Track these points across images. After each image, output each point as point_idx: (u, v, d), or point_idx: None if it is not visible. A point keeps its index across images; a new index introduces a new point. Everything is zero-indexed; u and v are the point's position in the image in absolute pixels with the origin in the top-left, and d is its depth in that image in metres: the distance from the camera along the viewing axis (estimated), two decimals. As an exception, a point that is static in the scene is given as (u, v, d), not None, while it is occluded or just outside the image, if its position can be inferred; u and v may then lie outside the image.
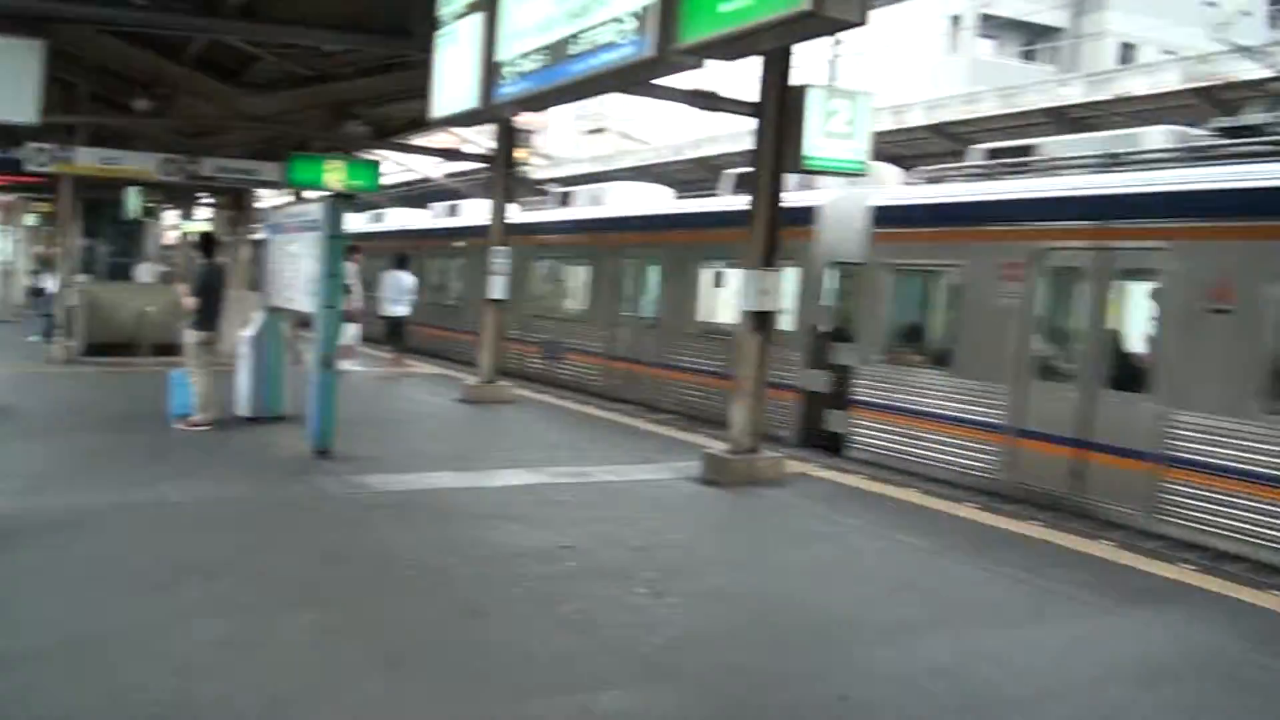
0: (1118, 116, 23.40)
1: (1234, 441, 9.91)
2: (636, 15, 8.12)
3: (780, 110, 10.86)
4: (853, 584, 7.75)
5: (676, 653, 6.03)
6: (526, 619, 6.47)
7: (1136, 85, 22.59)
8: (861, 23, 6.42)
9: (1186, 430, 10.32)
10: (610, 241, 20.28)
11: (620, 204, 21.86)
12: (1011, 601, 7.42)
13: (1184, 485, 10.31)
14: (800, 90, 10.88)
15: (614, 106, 59.58)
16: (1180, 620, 7.18)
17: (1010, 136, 24.22)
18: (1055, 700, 5.68)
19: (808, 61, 16.37)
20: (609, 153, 48.25)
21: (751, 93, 11.13)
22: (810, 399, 14.98)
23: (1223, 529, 9.96)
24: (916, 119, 25.98)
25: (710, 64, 8.48)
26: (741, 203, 11.64)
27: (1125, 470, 10.83)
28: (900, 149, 27.73)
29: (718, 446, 11.69)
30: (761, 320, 11.17)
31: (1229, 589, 7.89)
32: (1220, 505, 9.99)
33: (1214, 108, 21.37)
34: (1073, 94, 23.16)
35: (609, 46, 8.52)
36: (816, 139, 10.78)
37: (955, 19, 47.15)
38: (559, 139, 65.40)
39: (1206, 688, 6.01)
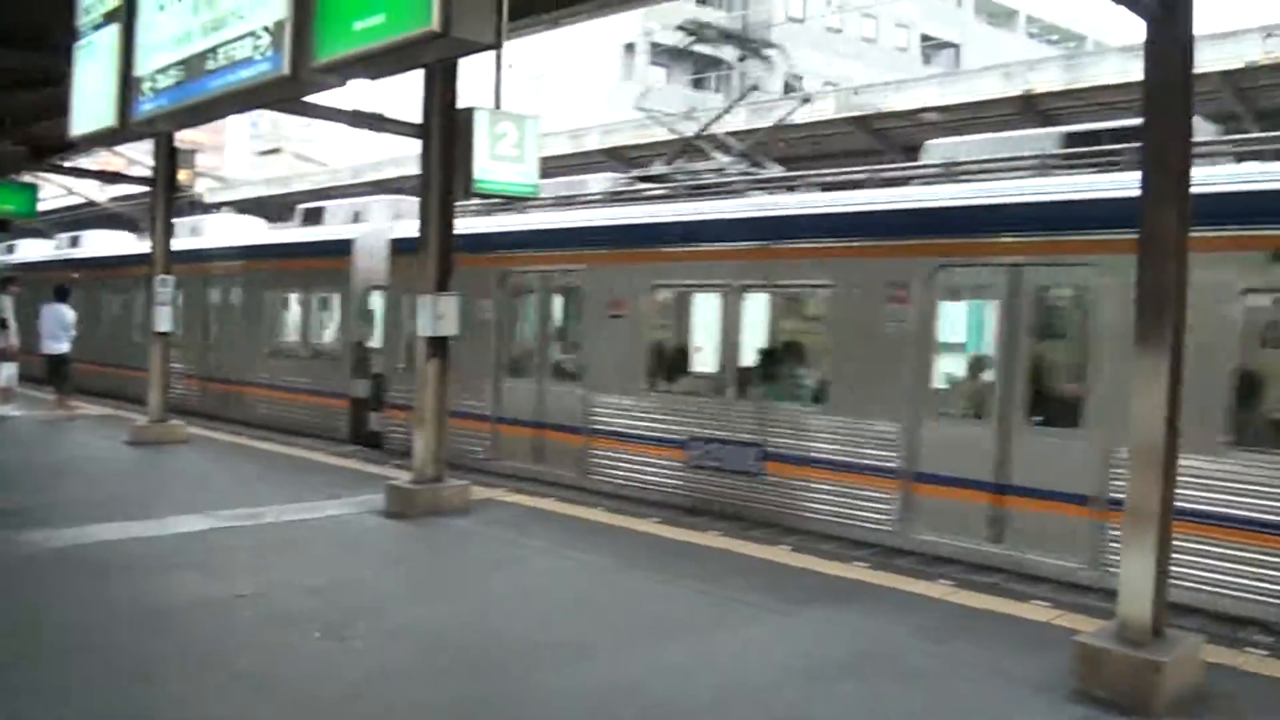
0: (781, 143, 24.80)
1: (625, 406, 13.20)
2: (270, 31, 7.72)
3: (446, 132, 10.68)
4: (536, 607, 7.63)
5: (356, 701, 5.69)
6: (199, 678, 5.93)
7: (797, 114, 23.93)
8: (495, 45, 6.34)
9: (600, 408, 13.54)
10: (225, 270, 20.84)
11: (215, 235, 22.57)
12: (691, 612, 7.53)
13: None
14: (467, 112, 10.75)
15: (292, 127, 57.44)
16: (853, 617, 7.51)
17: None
18: (731, 706, 5.76)
19: (482, 83, 16.32)
20: (285, 175, 46.37)
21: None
22: (356, 404, 17.23)
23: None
24: (593, 143, 26.52)
25: (380, 83, 8.24)
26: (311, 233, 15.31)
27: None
28: (580, 172, 28.23)
29: (402, 477, 11.35)
30: (438, 346, 10.93)
31: (899, 582, 8.37)
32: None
33: (868, 134, 23.03)
34: (737, 121, 24.28)
35: (246, 62, 8.05)
36: (485, 162, 10.68)
37: (629, 47, 48.66)
38: (234, 160, 62.38)
39: (877, 680, 6.27)
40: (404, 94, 10.89)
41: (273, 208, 32.33)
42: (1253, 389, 8.74)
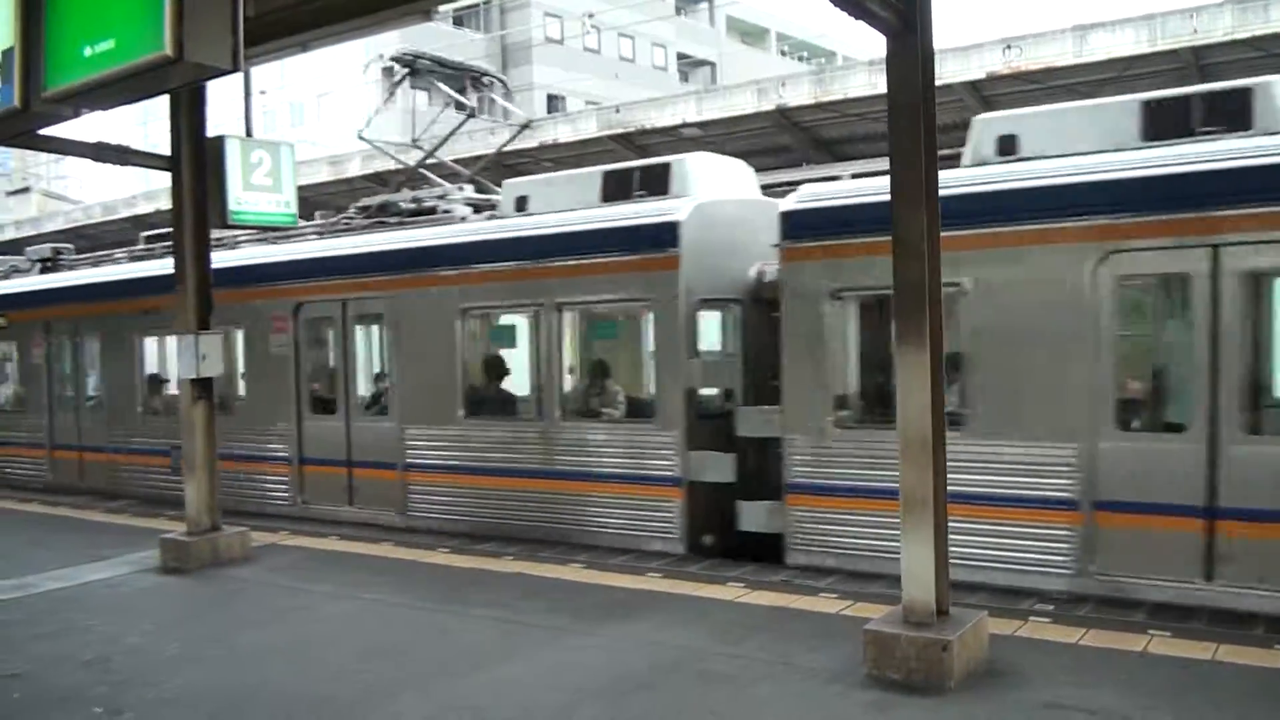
0: (548, 162, 24.90)
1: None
2: (-3, 61, 7.14)
3: (197, 163, 10.16)
4: (327, 655, 7.31)
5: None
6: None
7: (561, 133, 24.12)
8: (234, 69, 6.04)
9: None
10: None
11: None
12: (484, 643, 7.37)
13: None
14: (217, 141, 10.31)
15: (41, 163, 53.77)
16: (649, 628, 7.52)
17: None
18: (533, 735, 5.66)
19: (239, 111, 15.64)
20: (34, 215, 43.28)
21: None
22: None
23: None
24: (355, 169, 25.89)
25: (112, 114, 7.74)
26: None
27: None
28: (344, 199, 27.51)
29: (177, 530, 10.69)
30: (204, 387, 10.37)
31: (692, 589, 8.47)
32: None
33: (633, 152, 23.39)
34: (501, 142, 24.25)
35: (-27, 97, 7.39)
36: (240, 192, 10.24)
37: (388, 70, 47.84)
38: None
39: (675, 689, 6.30)
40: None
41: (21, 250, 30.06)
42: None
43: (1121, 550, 7.84)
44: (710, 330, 10.69)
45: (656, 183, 10.70)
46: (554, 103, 50.49)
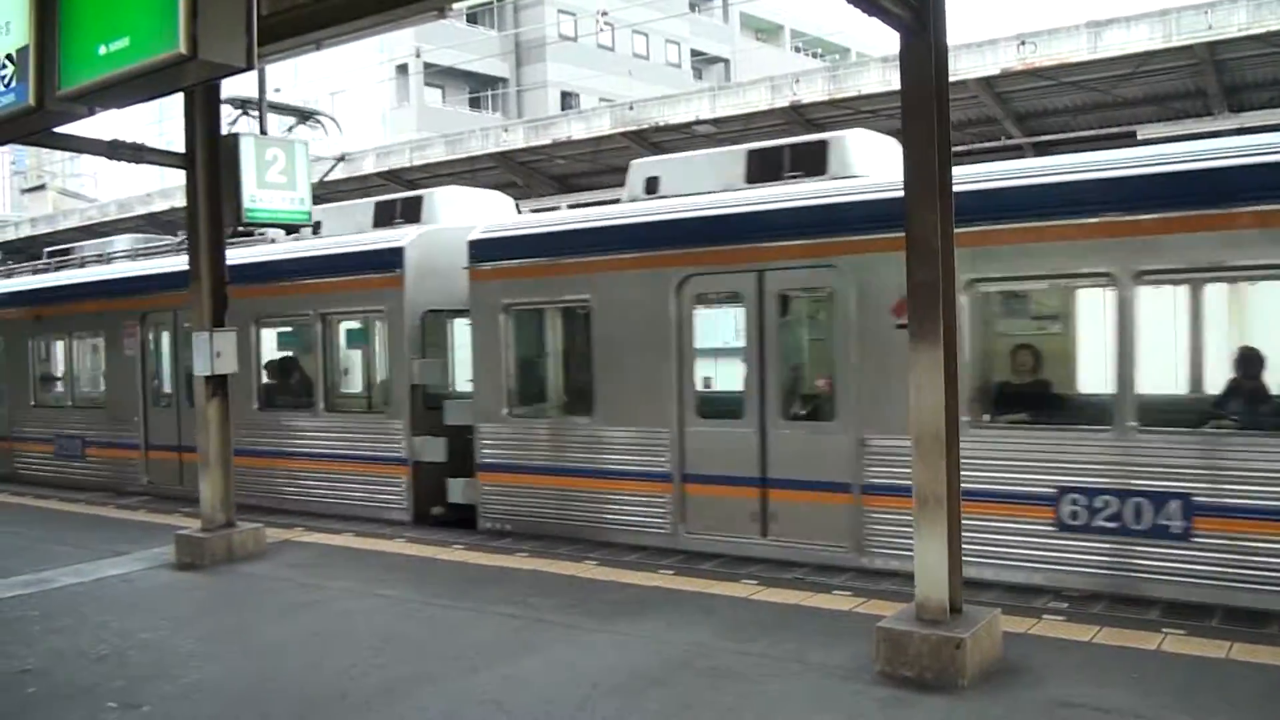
0: (561, 159, 24.92)
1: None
2: (13, 60, 7.16)
3: (211, 161, 10.20)
4: (341, 650, 7.33)
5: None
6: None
7: (575, 130, 24.12)
8: (248, 67, 6.06)
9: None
10: None
11: None
12: (499, 639, 7.39)
13: None
14: (232, 139, 10.35)
15: (57, 161, 54.12)
16: (661, 625, 7.52)
17: (462, 181, 24.84)
18: (546, 731, 5.68)
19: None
20: (50, 212, 43.48)
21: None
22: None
23: None
24: (370, 167, 25.96)
25: (126, 112, 7.77)
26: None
27: None
28: (357, 196, 27.57)
29: (192, 526, 10.76)
30: (219, 384, 10.43)
31: (704, 586, 8.48)
32: None
33: (646, 149, 23.37)
34: (516, 139, 24.31)
35: (-10, 95, 7.43)
36: (255, 189, 10.28)
37: (402, 68, 47.95)
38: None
39: (687, 686, 6.30)
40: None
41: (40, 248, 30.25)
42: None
43: (701, 513, 9.90)
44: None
45: (411, 212, 12.53)
46: (567, 100, 50.50)
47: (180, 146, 10.37)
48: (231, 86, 9.27)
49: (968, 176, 8.15)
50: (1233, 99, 17.81)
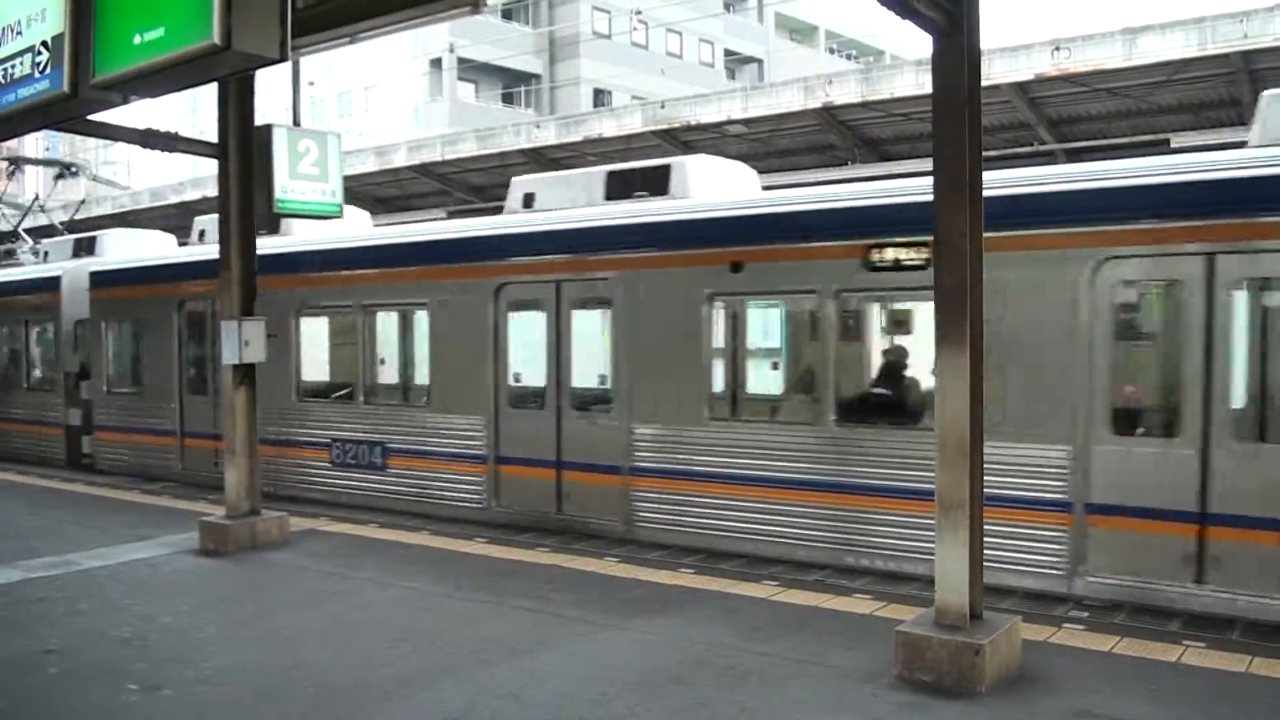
0: (592, 156, 24.92)
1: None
2: (49, 47, 7.26)
3: (244, 151, 10.28)
4: (362, 641, 7.38)
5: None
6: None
7: (606, 127, 24.12)
8: (282, 58, 6.11)
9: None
10: None
11: None
12: (519, 632, 7.41)
13: None
14: (265, 130, 10.41)
15: (91, 148, 54.52)
16: (680, 623, 7.53)
17: (491, 176, 24.88)
18: (563, 725, 5.69)
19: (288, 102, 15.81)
20: (82, 198, 43.78)
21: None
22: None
23: None
24: (401, 160, 26.06)
25: (160, 101, 7.86)
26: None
27: None
28: (389, 190, 27.70)
29: (216, 513, 10.85)
30: (246, 374, 10.51)
31: (726, 586, 8.47)
32: None
33: (677, 148, 23.39)
34: (547, 136, 24.34)
35: (25, 81, 7.54)
36: (286, 181, 10.35)
37: (436, 62, 48.16)
38: (31, 185, 59.02)
39: (705, 685, 6.29)
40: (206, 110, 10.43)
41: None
42: None
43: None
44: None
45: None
46: (600, 97, 50.56)
47: (213, 136, 10.47)
48: (266, 77, 9.31)
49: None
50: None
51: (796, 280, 9.82)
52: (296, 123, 11.70)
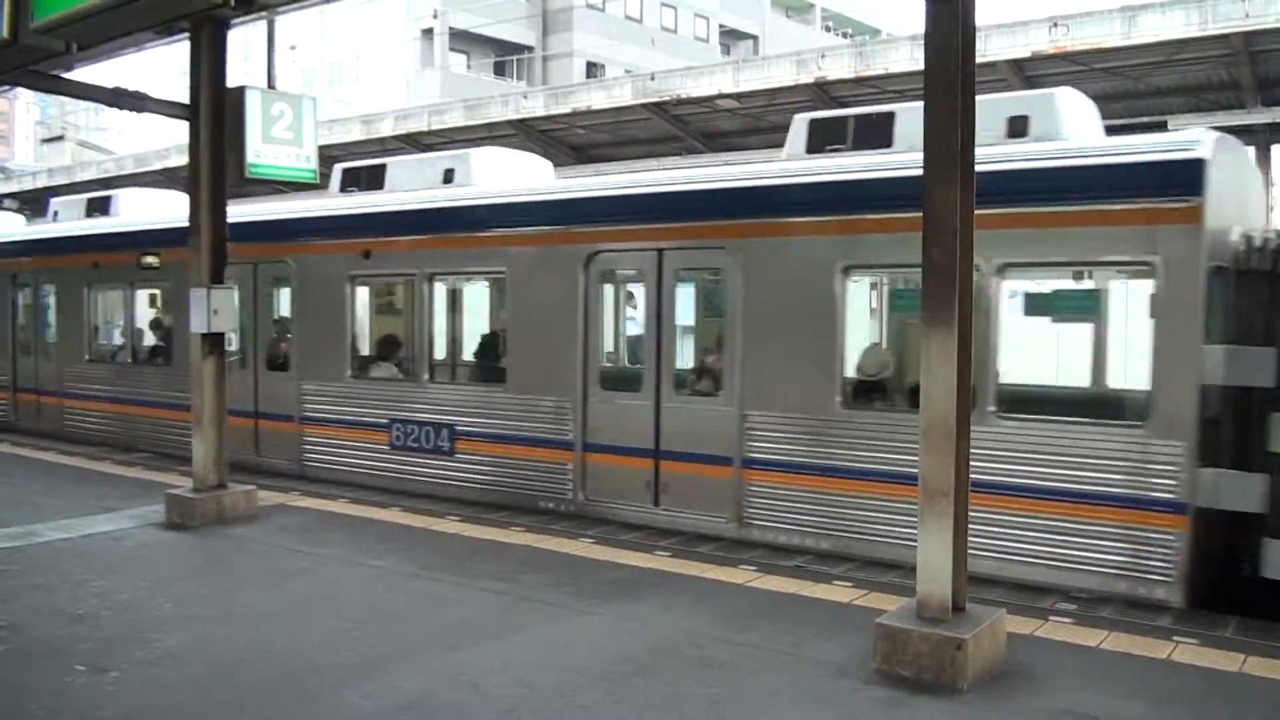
0: (581, 129, 24.53)
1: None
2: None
3: (215, 113, 9.95)
4: (323, 621, 7.13)
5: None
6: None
7: (595, 99, 23.71)
8: (239, 8, 5.78)
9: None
10: None
11: None
12: (486, 616, 7.16)
13: None
14: (238, 91, 10.05)
15: (82, 114, 54.12)
16: (653, 609, 7.27)
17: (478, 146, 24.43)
18: (523, 715, 5.43)
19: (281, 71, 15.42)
20: (68, 164, 43.35)
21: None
22: None
23: None
24: (387, 129, 25.62)
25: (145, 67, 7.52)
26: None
27: None
28: (376, 158, 27.23)
29: (183, 486, 10.57)
30: (215, 342, 10.21)
31: (703, 570, 8.21)
32: None
33: (667, 121, 23.02)
34: (536, 107, 23.93)
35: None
36: (259, 145, 10.00)
37: (427, 32, 47.55)
38: (23, 150, 58.76)
39: (676, 675, 6.04)
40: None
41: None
42: None
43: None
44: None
45: None
46: (593, 70, 50.02)
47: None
48: (239, 41, 8.98)
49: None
50: (1266, 92, 17.32)
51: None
52: (271, 86, 11.30)
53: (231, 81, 10.15)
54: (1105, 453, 7.63)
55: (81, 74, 11.47)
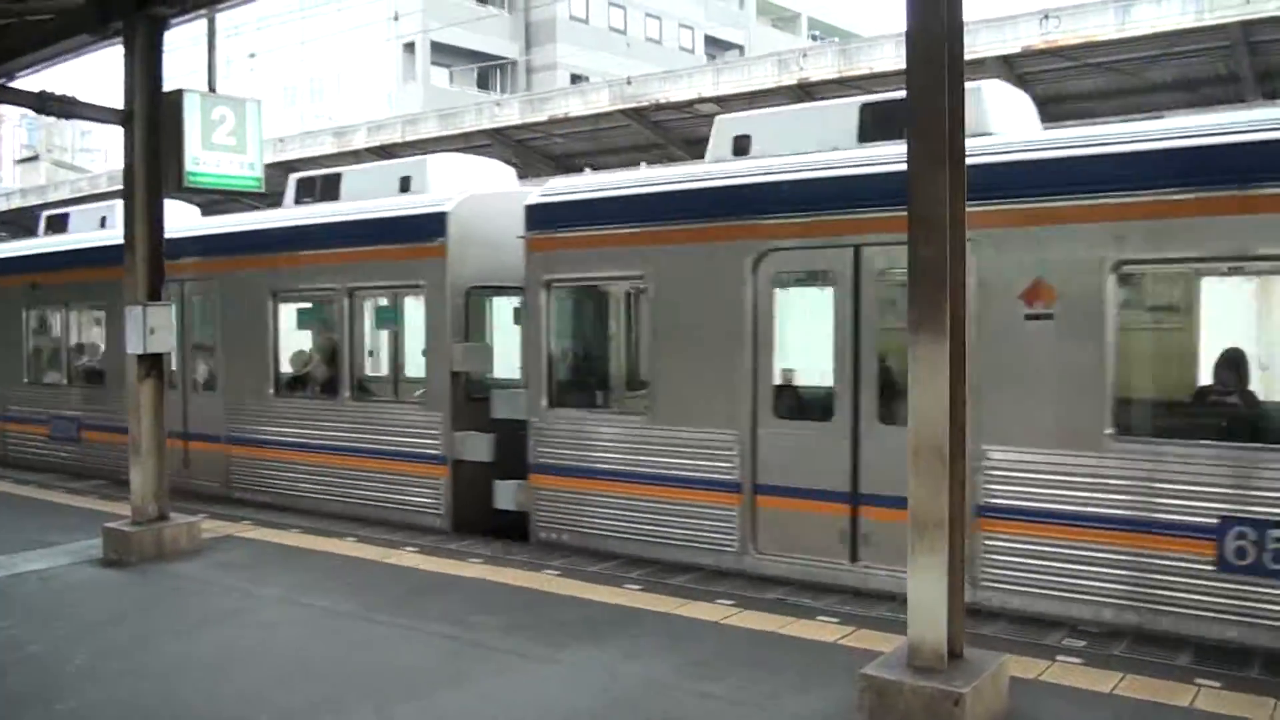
0: (559, 137, 23.92)
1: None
2: None
3: (151, 118, 9.26)
4: (246, 673, 6.43)
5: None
6: None
7: (572, 106, 23.10)
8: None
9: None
10: None
11: None
12: (431, 665, 6.44)
13: None
14: (175, 95, 9.39)
15: (69, 135, 53.58)
16: (616, 656, 6.55)
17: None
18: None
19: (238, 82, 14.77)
20: (42, 183, 42.78)
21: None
22: None
23: None
24: (361, 141, 24.98)
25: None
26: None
27: None
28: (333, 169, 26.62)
29: (124, 518, 9.83)
30: (153, 364, 9.49)
31: (675, 607, 7.50)
32: None
33: (646, 128, 22.42)
34: (511, 115, 23.30)
35: None
36: (199, 151, 9.32)
37: (409, 47, 46.97)
38: (9, 173, 58.49)
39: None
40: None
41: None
42: None
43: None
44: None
45: None
46: (576, 82, 49.48)
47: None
48: (180, 39, 8.31)
49: None
50: (1266, 85, 16.72)
51: None
52: (212, 88, 10.61)
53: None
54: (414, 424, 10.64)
55: (24, 82, 10.82)
